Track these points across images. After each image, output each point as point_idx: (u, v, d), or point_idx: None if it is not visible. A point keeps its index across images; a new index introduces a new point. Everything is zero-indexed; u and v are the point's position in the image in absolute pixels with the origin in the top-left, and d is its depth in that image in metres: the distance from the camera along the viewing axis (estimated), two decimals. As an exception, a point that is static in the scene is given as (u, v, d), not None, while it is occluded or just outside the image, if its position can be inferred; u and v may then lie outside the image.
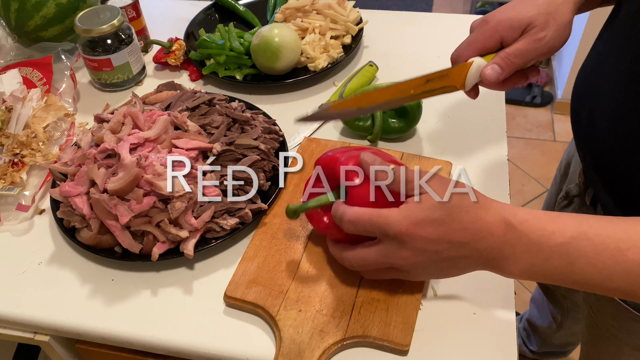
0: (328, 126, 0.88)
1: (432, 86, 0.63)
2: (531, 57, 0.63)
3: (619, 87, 0.63)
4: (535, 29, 0.62)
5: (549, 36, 0.62)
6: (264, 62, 0.93)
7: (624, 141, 0.63)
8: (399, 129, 0.82)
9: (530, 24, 0.62)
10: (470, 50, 0.65)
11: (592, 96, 0.69)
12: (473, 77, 0.64)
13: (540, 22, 0.62)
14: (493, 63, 0.63)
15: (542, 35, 0.62)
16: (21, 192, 0.77)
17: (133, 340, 0.63)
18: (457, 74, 0.64)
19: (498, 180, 0.76)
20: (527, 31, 0.62)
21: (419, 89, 0.63)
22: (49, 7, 0.95)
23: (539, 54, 0.63)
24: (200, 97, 0.81)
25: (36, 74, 0.93)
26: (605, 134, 0.66)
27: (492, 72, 0.63)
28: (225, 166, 0.73)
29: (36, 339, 0.67)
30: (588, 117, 0.69)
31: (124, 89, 0.99)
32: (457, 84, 0.64)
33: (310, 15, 1.01)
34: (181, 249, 0.66)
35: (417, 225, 0.51)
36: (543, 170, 2.12)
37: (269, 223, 0.71)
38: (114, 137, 0.72)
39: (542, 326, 1.29)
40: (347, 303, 0.61)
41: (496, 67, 0.63)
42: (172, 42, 1.01)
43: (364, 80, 0.92)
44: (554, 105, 2.37)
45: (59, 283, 0.68)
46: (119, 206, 0.65)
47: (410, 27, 1.09)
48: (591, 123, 0.69)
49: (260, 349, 0.60)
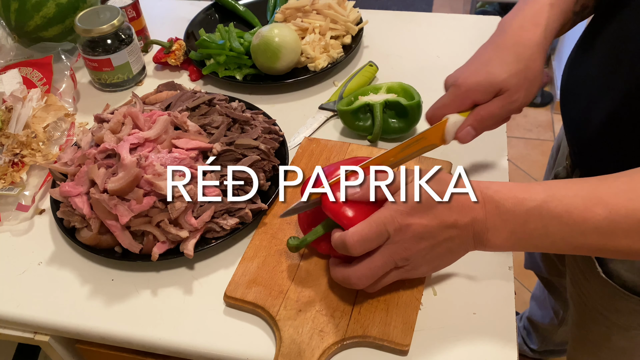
0: (328, 126, 0.88)
1: (411, 150, 0.65)
2: (504, 117, 0.66)
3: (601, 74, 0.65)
4: (508, 92, 0.63)
5: (522, 97, 0.64)
6: (264, 62, 0.93)
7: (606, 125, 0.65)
8: (399, 129, 0.82)
9: (501, 88, 0.63)
10: (442, 112, 0.66)
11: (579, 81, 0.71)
12: (451, 132, 0.65)
13: (513, 85, 0.63)
14: (467, 125, 0.65)
15: (515, 97, 0.64)
16: (21, 192, 0.77)
17: (133, 340, 0.63)
18: (434, 133, 0.66)
19: (498, 180, 0.76)
20: (500, 94, 0.63)
21: (398, 157, 0.65)
22: (49, 7, 0.95)
23: (512, 112, 0.66)
24: (200, 97, 0.81)
25: (36, 74, 0.93)
26: (587, 119, 0.68)
27: (467, 135, 0.65)
28: (225, 166, 0.73)
29: (36, 339, 0.67)
30: (573, 100, 0.72)
31: (124, 89, 0.99)
32: (436, 142, 0.66)
33: (310, 15, 1.01)
34: (181, 249, 0.66)
35: (409, 214, 0.53)
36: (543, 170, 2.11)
37: (269, 223, 0.71)
38: (114, 137, 0.72)
39: (543, 323, 1.29)
40: (347, 303, 0.61)
41: (470, 130, 0.65)
42: (172, 42, 1.01)
43: (364, 80, 0.92)
44: (554, 105, 2.37)
45: (59, 283, 0.68)
46: (119, 206, 0.65)
47: (410, 27, 1.09)
48: (576, 106, 0.71)
49: (260, 349, 0.60)
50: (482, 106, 0.64)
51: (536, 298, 1.32)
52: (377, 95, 0.84)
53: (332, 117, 0.89)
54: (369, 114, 0.83)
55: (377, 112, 0.81)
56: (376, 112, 0.81)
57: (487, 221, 0.53)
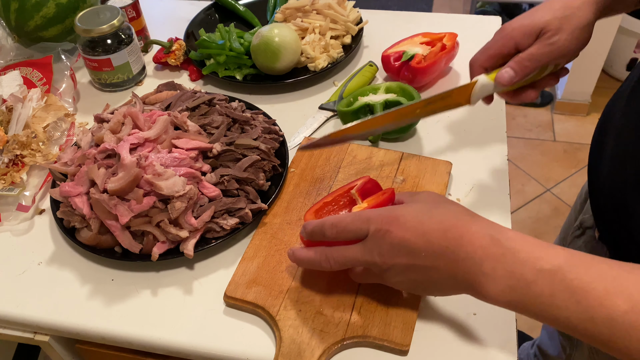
0: (328, 126, 0.88)
1: (437, 106, 0.66)
2: (544, 61, 0.64)
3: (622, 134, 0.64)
4: (548, 34, 0.63)
5: (562, 40, 0.63)
6: (264, 62, 0.93)
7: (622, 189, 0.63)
8: (399, 129, 0.82)
9: (543, 29, 0.63)
10: (485, 55, 0.67)
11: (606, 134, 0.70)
12: (478, 94, 0.66)
13: (554, 27, 0.63)
14: (507, 67, 0.64)
15: (554, 39, 0.63)
16: (21, 193, 0.77)
17: (133, 340, 0.63)
18: (461, 93, 0.66)
19: (498, 180, 0.76)
20: (541, 36, 0.63)
21: (424, 110, 0.66)
22: (49, 7, 0.95)
23: (552, 57, 0.64)
24: (200, 97, 0.81)
25: (36, 74, 0.93)
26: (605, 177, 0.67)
27: (506, 75, 0.64)
28: (226, 166, 0.73)
29: (36, 339, 0.67)
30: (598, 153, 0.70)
31: (124, 89, 0.99)
32: (462, 101, 0.67)
33: (310, 15, 1.01)
34: (181, 249, 0.66)
35: (397, 218, 0.51)
36: (543, 170, 2.12)
37: (269, 223, 0.71)
38: (114, 137, 0.72)
39: (552, 355, 1.27)
40: (347, 303, 0.61)
41: (510, 71, 0.64)
42: (172, 42, 1.01)
43: (364, 80, 0.92)
44: (554, 105, 2.37)
45: (59, 283, 0.68)
46: (119, 206, 0.65)
47: (410, 27, 1.09)
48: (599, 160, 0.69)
49: (260, 349, 0.60)
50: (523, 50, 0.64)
51: (546, 327, 1.29)
52: (376, 96, 0.84)
53: (332, 117, 0.89)
54: (369, 115, 0.83)
55: (377, 112, 0.81)
56: (376, 112, 0.81)
57: (483, 265, 0.47)
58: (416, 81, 0.89)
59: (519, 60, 0.64)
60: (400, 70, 0.90)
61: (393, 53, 0.92)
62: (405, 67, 0.89)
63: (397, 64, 0.90)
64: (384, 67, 0.93)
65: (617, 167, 0.65)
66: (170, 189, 0.65)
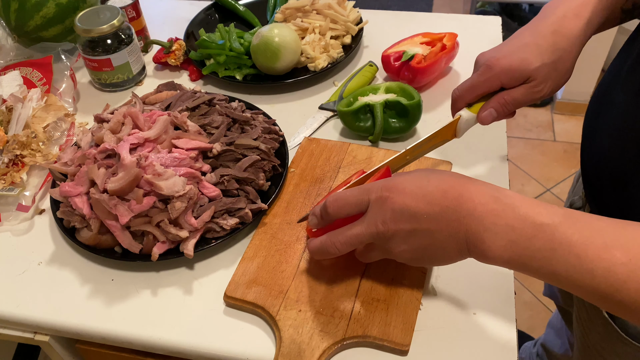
0: (328, 126, 0.88)
1: (426, 147, 0.68)
2: (526, 104, 0.66)
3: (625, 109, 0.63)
4: (534, 82, 0.63)
5: (547, 88, 0.64)
6: (264, 62, 0.93)
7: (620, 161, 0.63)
8: (400, 129, 0.82)
9: (530, 77, 0.63)
10: (473, 94, 0.67)
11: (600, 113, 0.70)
12: (463, 128, 0.68)
13: (541, 76, 0.63)
14: (490, 107, 0.66)
15: (540, 87, 0.64)
16: (21, 193, 0.77)
17: (133, 340, 0.63)
18: (447, 130, 0.68)
19: (498, 180, 0.76)
20: (527, 82, 0.64)
21: (414, 154, 0.68)
22: (49, 7, 0.95)
23: (533, 101, 0.66)
24: (200, 97, 0.81)
25: (36, 74, 0.93)
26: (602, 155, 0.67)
27: (488, 116, 0.66)
28: (226, 166, 0.73)
29: (36, 339, 0.67)
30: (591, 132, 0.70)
31: (124, 89, 0.99)
32: (449, 137, 0.69)
33: (310, 15, 1.01)
34: (181, 249, 0.66)
35: (396, 185, 0.52)
36: (543, 170, 2.12)
37: (269, 223, 0.71)
38: (114, 137, 0.72)
39: (557, 353, 1.27)
40: (347, 303, 0.61)
41: (493, 112, 0.66)
42: (172, 42, 1.01)
43: (364, 80, 0.92)
44: (554, 105, 2.37)
45: (59, 283, 0.68)
46: (119, 206, 0.65)
47: (410, 27, 1.09)
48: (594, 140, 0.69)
49: (260, 349, 0.60)
50: (507, 91, 0.65)
51: (553, 326, 1.29)
52: (376, 96, 0.84)
53: (332, 117, 0.89)
54: (369, 115, 0.83)
55: (377, 112, 0.81)
56: (377, 112, 0.81)
57: (484, 220, 0.48)
58: (416, 81, 0.89)
59: (503, 103, 0.65)
60: (400, 70, 0.90)
61: (393, 53, 0.92)
62: (405, 67, 0.90)
63: (397, 64, 0.91)
64: (384, 67, 0.93)
65: (617, 142, 0.65)
66: (170, 189, 0.65)
